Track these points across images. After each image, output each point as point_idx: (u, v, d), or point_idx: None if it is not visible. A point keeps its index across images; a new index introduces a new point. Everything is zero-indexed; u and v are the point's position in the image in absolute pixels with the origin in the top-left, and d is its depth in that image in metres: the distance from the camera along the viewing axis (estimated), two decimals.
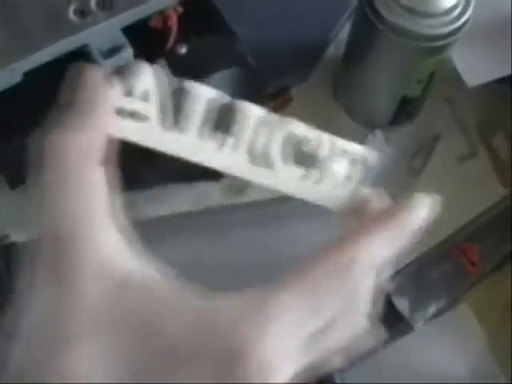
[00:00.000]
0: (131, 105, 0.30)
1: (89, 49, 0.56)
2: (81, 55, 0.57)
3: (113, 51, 0.57)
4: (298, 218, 0.52)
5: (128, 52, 0.57)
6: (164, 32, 0.59)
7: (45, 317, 0.27)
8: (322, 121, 0.78)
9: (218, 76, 0.59)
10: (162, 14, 0.59)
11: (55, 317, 0.26)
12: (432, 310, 0.72)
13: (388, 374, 0.70)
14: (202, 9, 0.63)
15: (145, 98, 0.30)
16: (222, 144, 0.33)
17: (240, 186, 0.75)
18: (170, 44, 0.59)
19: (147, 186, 0.74)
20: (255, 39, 0.64)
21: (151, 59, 0.58)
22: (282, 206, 0.53)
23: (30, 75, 0.55)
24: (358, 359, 0.68)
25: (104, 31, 0.56)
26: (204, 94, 0.33)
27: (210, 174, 0.75)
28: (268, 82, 0.68)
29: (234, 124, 0.33)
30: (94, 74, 0.30)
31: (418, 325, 0.71)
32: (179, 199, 0.74)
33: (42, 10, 0.56)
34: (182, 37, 0.60)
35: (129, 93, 0.30)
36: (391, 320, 0.71)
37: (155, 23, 0.60)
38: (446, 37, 0.66)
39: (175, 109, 0.31)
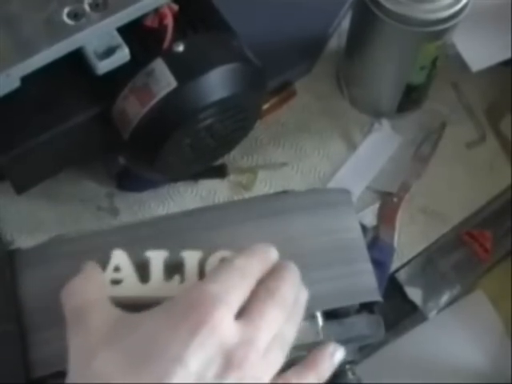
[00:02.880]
0: (109, 277, 0.46)
1: (85, 51, 0.56)
2: (77, 58, 0.56)
3: (109, 52, 0.56)
4: (294, 212, 0.52)
5: (124, 52, 0.57)
6: (160, 31, 0.59)
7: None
8: (327, 113, 0.80)
9: (216, 72, 0.59)
10: (157, 13, 0.59)
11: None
12: (445, 298, 0.71)
13: (403, 365, 0.69)
14: (197, 6, 0.62)
15: (117, 270, 0.46)
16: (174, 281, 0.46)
17: (246, 183, 0.75)
18: (166, 43, 0.59)
19: (154, 186, 0.74)
20: (255, 34, 0.63)
21: (148, 58, 0.59)
22: (278, 201, 0.53)
23: (28, 80, 0.55)
24: (370, 351, 0.68)
25: (99, 32, 0.56)
26: (159, 256, 0.46)
27: (216, 172, 0.75)
28: (270, 76, 0.67)
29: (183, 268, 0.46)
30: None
31: (432, 314, 0.71)
32: (186, 197, 0.74)
33: (36, 14, 0.55)
34: (179, 35, 0.60)
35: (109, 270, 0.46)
36: (404, 310, 0.71)
37: (151, 22, 0.59)
38: (445, 21, 0.65)
39: (140, 271, 0.46)
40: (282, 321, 0.42)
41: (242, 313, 0.41)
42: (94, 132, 0.62)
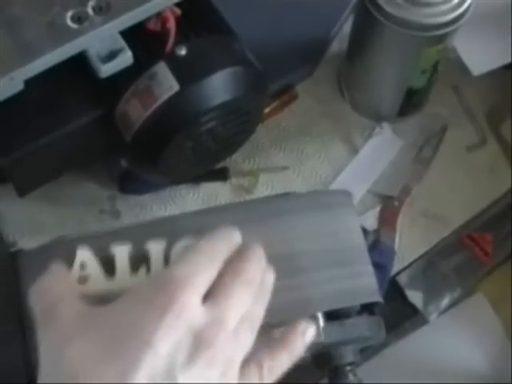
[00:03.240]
0: (76, 275, 0.46)
1: (88, 54, 0.56)
2: (80, 61, 0.57)
3: (111, 55, 0.57)
4: (295, 214, 0.52)
5: (127, 55, 0.57)
6: (163, 34, 0.59)
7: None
8: (328, 116, 0.80)
9: (219, 76, 0.59)
10: (160, 17, 0.59)
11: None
12: (446, 301, 0.72)
13: (403, 367, 0.70)
14: (200, 9, 0.63)
15: (83, 267, 0.47)
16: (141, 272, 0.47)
17: (248, 186, 0.75)
18: (169, 46, 0.59)
19: (156, 189, 0.74)
20: (257, 37, 0.64)
21: (151, 62, 0.59)
22: (279, 203, 0.53)
23: (31, 83, 0.56)
24: (371, 353, 0.68)
25: (102, 36, 0.56)
26: (123, 250, 0.47)
27: (218, 175, 0.75)
28: (271, 80, 0.67)
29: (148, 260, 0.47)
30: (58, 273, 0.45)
31: (433, 317, 0.71)
32: (188, 200, 0.75)
33: (39, 17, 0.56)
34: (181, 38, 0.60)
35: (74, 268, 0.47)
36: (405, 313, 0.71)
37: (153, 26, 0.60)
38: (446, 25, 0.66)
39: (107, 266, 0.47)
40: (250, 301, 0.42)
41: (208, 295, 0.41)
42: (96, 135, 0.62)
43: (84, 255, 0.47)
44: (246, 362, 0.42)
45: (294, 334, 0.46)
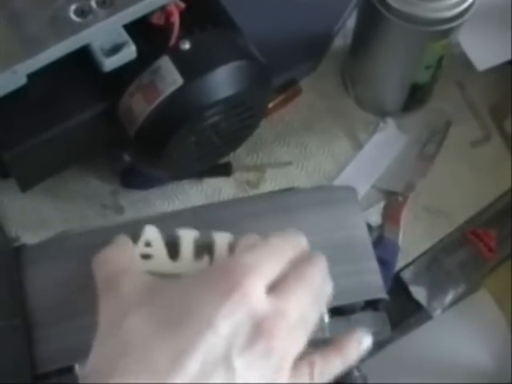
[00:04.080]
0: (140, 251, 0.46)
1: (91, 47, 0.56)
2: (83, 55, 0.56)
3: (115, 49, 0.56)
4: (300, 210, 0.52)
5: (131, 49, 0.57)
6: (166, 28, 0.59)
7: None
8: (332, 112, 0.80)
9: (222, 70, 0.59)
10: (164, 11, 0.59)
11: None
12: (450, 297, 0.71)
13: (407, 363, 0.69)
14: (204, 3, 0.62)
15: (148, 245, 0.46)
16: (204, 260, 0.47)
17: (254, 180, 0.75)
18: (173, 40, 0.59)
19: (159, 184, 0.74)
20: (261, 32, 0.63)
21: (154, 56, 0.59)
22: (284, 198, 0.53)
23: (34, 77, 0.55)
24: (375, 349, 0.68)
25: (105, 29, 0.56)
26: (190, 235, 0.47)
27: (221, 170, 0.75)
28: (275, 74, 0.67)
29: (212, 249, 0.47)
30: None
31: (437, 313, 0.71)
32: (191, 195, 0.74)
33: (42, 11, 0.55)
34: (185, 32, 0.60)
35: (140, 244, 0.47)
36: (409, 309, 0.71)
37: (157, 20, 0.59)
38: (451, 20, 0.65)
39: (170, 249, 0.47)
40: (308, 303, 0.43)
41: (272, 288, 0.42)
42: (99, 129, 0.62)
43: (151, 233, 0.47)
44: (299, 361, 0.42)
45: (350, 340, 0.46)
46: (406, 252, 0.73)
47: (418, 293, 0.71)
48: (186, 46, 0.59)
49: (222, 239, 0.46)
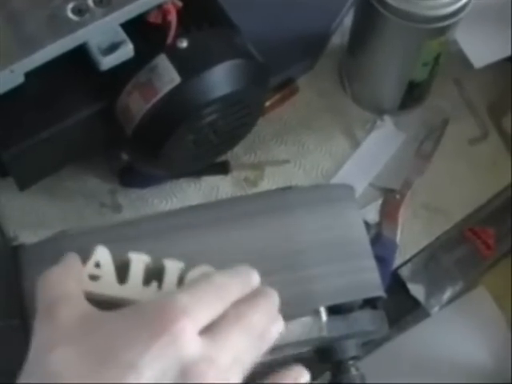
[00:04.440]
0: (89, 271, 0.46)
1: (88, 46, 0.56)
2: (81, 53, 0.56)
3: (112, 48, 0.57)
4: (297, 208, 0.52)
5: (128, 48, 0.57)
6: (164, 27, 0.59)
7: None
8: (330, 110, 0.80)
9: (220, 68, 0.59)
10: (161, 9, 0.59)
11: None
12: (448, 294, 0.71)
13: (405, 361, 0.69)
14: (201, 2, 0.62)
15: (97, 266, 0.46)
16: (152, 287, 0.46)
17: (253, 179, 0.75)
18: (170, 38, 0.59)
19: (157, 183, 0.74)
20: (258, 30, 0.63)
21: (152, 54, 0.59)
22: (282, 196, 0.53)
23: (32, 76, 0.55)
24: (373, 347, 0.68)
25: (103, 28, 0.56)
26: (141, 260, 0.46)
27: (219, 169, 0.75)
28: (272, 73, 0.67)
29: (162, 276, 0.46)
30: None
31: (435, 310, 0.71)
32: (189, 194, 0.74)
33: (39, 9, 0.55)
34: (182, 31, 0.60)
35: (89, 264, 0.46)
36: (407, 306, 0.71)
37: (154, 18, 0.59)
38: (448, 17, 0.65)
39: (120, 272, 0.46)
40: (244, 346, 0.41)
41: (207, 330, 0.40)
42: (97, 128, 0.62)
43: (102, 255, 0.46)
44: None
45: (286, 378, 0.44)
46: (404, 249, 0.73)
47: (416, 290, 0.71)
48: (184, 44, 0.59)
49: (173, 267, 0.46)
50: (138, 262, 0.46)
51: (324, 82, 0.81)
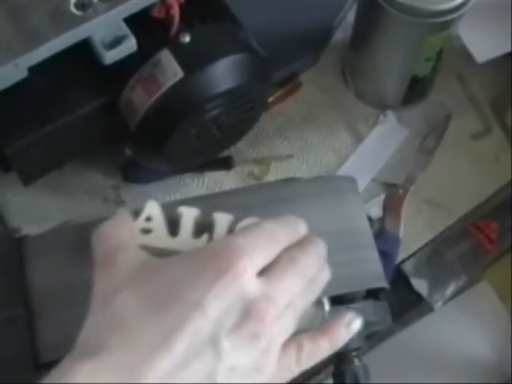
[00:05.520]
0: (140, 225, 0.46)
1: (92, 41, 0.56)
2: (84, 48, 0.57)
3: (116, 42, 0.57)
4: (301, 199, 0.52)
5: (131, 42, 0.57)
6: (167, 21, 0.59)
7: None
8: (333, 105, 0.80)
9: (223, 63, 0.59)
10: (164, 4, 0.59)
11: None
12: (451, 289, 0.71)
13: (409, 355, 0.70)
14: None
15: (148, 220, 0.46)
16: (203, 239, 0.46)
17: (259, 173, 0.75)
18: (173, 33, 0.59)
19: (160, 178, 0.74)
20: (261, 26, 0.63)
21: (155, 49, 0.59)
22: (285, 188, 0.53)
23: (35, 70, 0.56)
24: (376, 341, 0.68)
25: (106, 22, 0.56)
26: (191, 213, 0.47)
27: (222, 164, 0.75)
28: (276, 68, 0.67)
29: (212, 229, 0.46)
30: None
31: (438, 305, 0.71)
32: (192, 189, 0.74)
33: (43, 4, 0.56)
34: (186, 25, 0.60)
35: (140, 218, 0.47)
36: (410, 301, 0.71)
37: (157, 13, 0.59)
38: (451, 12, 0.66)
39: (171, 225, 0.46)
40: (298, 290, 0.43)
41: (263, 273, 0.42)
42: (100, 123, 0.62)
43: (152, 208, 0.47)
44: (287, 344, 0.42)
45: (338, 323, 0.46)
46: (407, 244, 0.73)
47: (419, 285, 0.71)
48: (187, 38, 0.59)
49: (222, 219, 0.46)
50: (188, 215, 0.47)
51: (327, 77, 0.81)
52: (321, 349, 0.45)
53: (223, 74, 0.59)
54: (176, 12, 0.59)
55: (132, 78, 0.59)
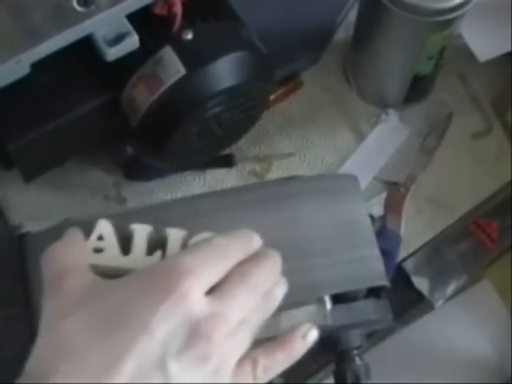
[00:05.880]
0: (92, 245, 0.46)
1: (94, 37, 0.56)
2: (86, 45, 0.57)
3: (118, 39, 0.57)
4: (302, 197, 0.52)
5: (133, 39, 0.57)
6: (169, 18, 0.59)
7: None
8: (334, 104, 0.80)
9: (225, 60, 0.59)
10: (167, 1, 0.59)
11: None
12: (452, 288, 0.71)
13: (410, 354, 0.70)
14: None
15: (100, 238, 0.46)
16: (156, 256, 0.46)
17: (260, 171, 0.75)
18: (175, 30, 0.59)
19: (161, 175, 0.74)
20: (263, 24, 0.64)
21: (157, 46, 0.59)
22: (287, 185, 0.53)
23: (37, 67, 0.56)
24: (377, 340, 0.68)
25: (108, 19, 0.56)
26: (143, 230, 0.47)
27: (223, 162, 0.75)
28: (277, 66, 0.67)
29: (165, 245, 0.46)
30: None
31: (439, 303, 0.71)
32: (193, 187, 0.75)
33: (45, 1, 0.55)
34: (188, 23, 0.60)
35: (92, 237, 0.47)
36: (411, 300, 0.71)
37: (160, 10, 0.59)
38: (452, 10, 0.66)
39: (123, 243, 0.46)
40: (251, 307, 0.42)
41: (213, 291, 0.41)
42: (102, 120, 0.62)
43: (104, 227, 0.47)
44: (241, 361, 0.42)
45: (294, 335, 0.45)
46: (408, 243, 0.73)
47: (420, 283, 0.71)
48: (189, 36, 0.59)
49: (175, 235, 0.46)
50: (141, 232, 0.46)
51: (328, 76, 0.81)
52: (277, 362, 0.44)
53: (225, 71, 0.59)
54: (178, 9, 0.59)
55: (134, 76, 0.59)
